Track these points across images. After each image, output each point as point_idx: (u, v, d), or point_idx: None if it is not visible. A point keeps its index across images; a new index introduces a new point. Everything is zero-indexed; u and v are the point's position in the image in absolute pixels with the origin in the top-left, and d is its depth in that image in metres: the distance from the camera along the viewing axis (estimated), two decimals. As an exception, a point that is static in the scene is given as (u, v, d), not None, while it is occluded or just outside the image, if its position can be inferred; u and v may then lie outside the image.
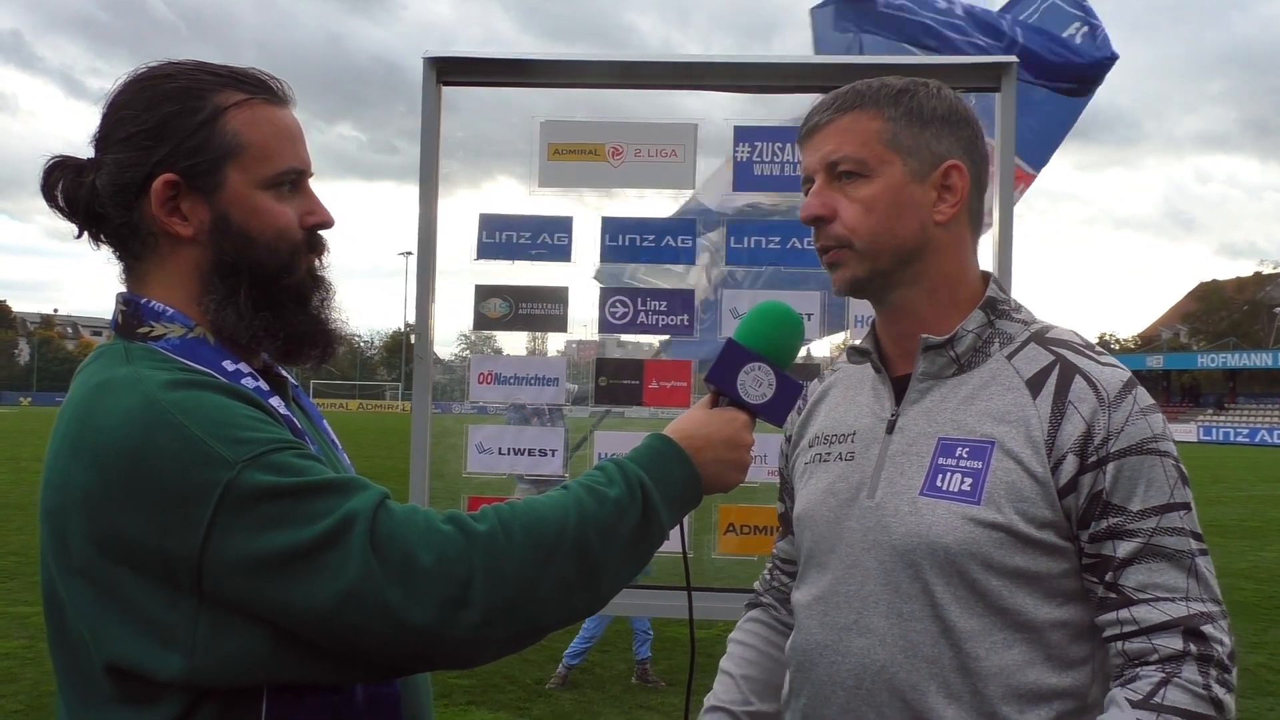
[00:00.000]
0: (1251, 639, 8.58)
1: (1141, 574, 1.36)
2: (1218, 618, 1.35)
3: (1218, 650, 1.33)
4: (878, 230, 1.48)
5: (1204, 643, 1.33)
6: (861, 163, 1.48)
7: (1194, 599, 1.35)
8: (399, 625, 1.16)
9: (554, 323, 2.92)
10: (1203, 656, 1.32)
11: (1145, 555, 1.36)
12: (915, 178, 1.49)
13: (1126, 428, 1.38)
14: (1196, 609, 1.35)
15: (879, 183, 1.48)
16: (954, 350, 1.51)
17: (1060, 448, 1.40)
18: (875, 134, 1.49)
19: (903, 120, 1.49)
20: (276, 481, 1.17)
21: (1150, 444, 1.38)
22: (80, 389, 1.28)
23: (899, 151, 1.48)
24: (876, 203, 1.48)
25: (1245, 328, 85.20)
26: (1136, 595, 1.36)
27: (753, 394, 1.47)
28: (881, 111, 1.49)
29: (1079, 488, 1.39)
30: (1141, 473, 1.37)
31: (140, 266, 1.37)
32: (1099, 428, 1.39)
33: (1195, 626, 1.34)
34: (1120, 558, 1.37)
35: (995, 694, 1.39)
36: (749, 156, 2.85)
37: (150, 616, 1.18)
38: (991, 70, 2.69)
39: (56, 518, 1.22)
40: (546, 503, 1.29)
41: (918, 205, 1.49)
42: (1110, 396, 1.40)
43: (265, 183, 1.36)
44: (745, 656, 1.80)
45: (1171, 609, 1.35)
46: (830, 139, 1.51)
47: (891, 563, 1.46)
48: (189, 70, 1.36)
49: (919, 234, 1.50)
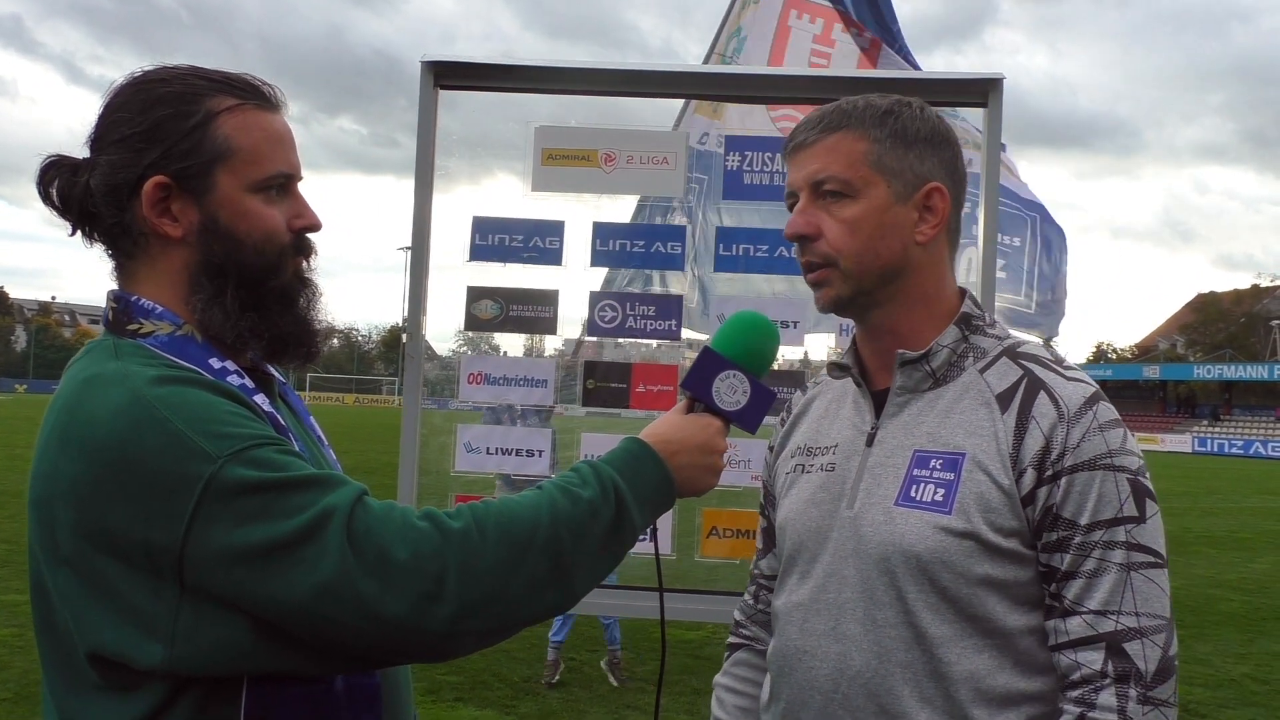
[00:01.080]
0: (1238, 650, 8.62)
1: (1079, 587, 1.40)
2: (1149, 633, 1.37)
3: (1139, 666, 1.36)
4: (862, 250, 1.51)
5: (1124, 660, 1.36)
6: (847, 183, 1.51)
7: (1125, 613, 1.38)
8: (374, 618, 1.19)
9: (544, 325, 2.95)
10: (1120, 676, 1.36)
11: (1085, 569, 1.39)
12: (898, 199, 1.52)
13: (1082, 444, 1.41)
14: (1125, 624, 1.37)
15: (863, 203, 1.51)
16: (929, 365, 1.54)
17: (1022, 461, 1.43)
18: (861, 155, 1.51)
19: (888, 142, 1.52)
20: (257, 476, 1.20)
21: (1104, 459, 1.41)
22: (70, 383, 1.31)
23: (883, 173, 1.51)
24: (861, 223, 1.51)
25: (1242, 340, 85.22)
26: (1073, 608, 1.40)
27: (727, 400, 1.51)
28: (867, 133, 1.52)
29: (1036, 500, 1.42)
30: (1092, 487, 1.40)
31: (131, 265, 1.40)
32: (1056, 443, 1.42)
33: (1118, 643, 1.37)
34: (1064, 570, 1.41)
35: (966, 698, 1.43)
36: (739, 165, 2.87)
37: (133, 606, 1.21)
38: (978, 86, 2.72)
39: (44, 508, 1.26)
40: (521, 502, 1.32)
41: (900, 226, 1.52)
42: (1070, 412, 1.43)
43: (254, 186, 1.39)
44: (739, 705, 1.81)
45: (1100, 624, 1.38)
46: (816, 158, 1.54)
47: (867, 570, 1.49)
48: (183, 75, 1.40)
49: (901, 254, 1.53)
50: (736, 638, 1.87)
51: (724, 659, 1.88)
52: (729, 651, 1.87)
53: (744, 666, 1.83)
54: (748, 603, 1.87)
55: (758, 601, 1.84)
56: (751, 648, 1.83)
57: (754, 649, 1.82)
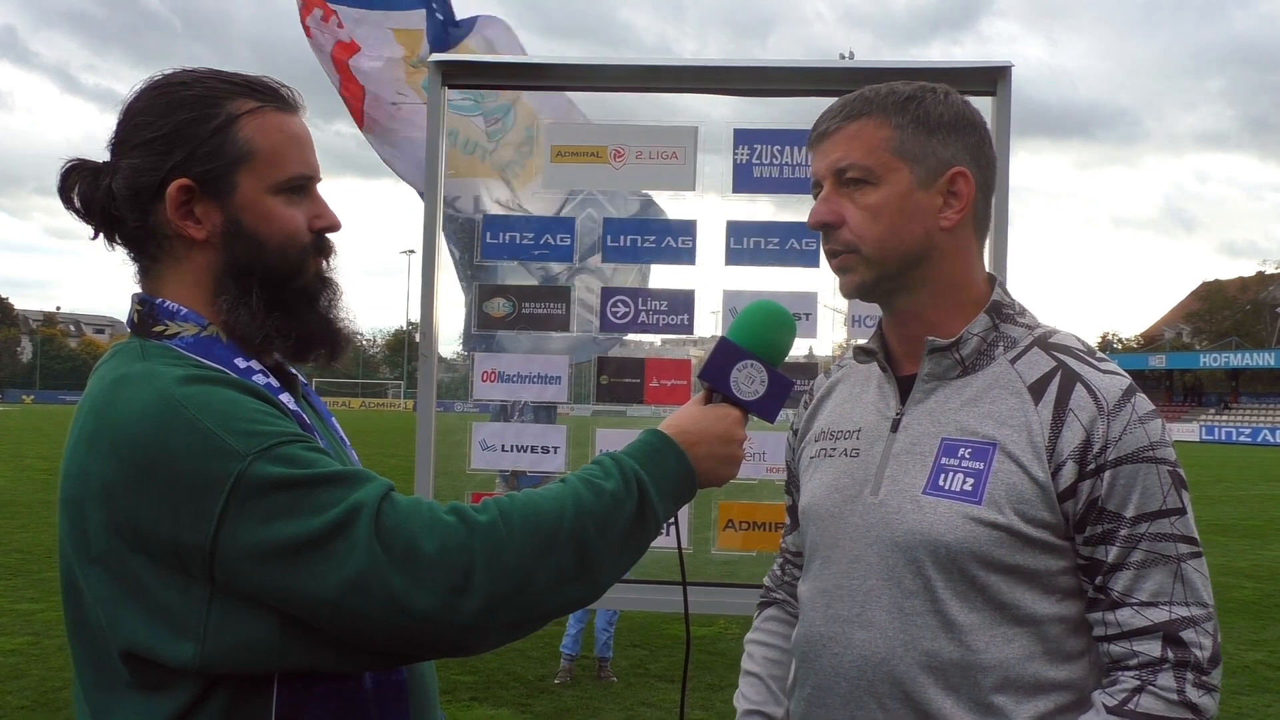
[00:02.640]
0: (1251, 637, 8.60)
1: (1128, 578, 1.40)
2: (1200, 621, 1.39)
3: (1195, 654, 1.37)
4: (884, 237, 1.51)
5: (1182, 648, 1.37)
6: (869, 170, 1.51)
7: (1177, 603, 1.39)
8: (403, 612, 1.20)
9: (556, 322, 2.96)
10: (1179, 662, 1.37)
11: (1133, 560, 1.40)
12: (921, 185, 1.52)
13: (1124, 436, 1.42)
14: (1179, 614, 1.38)
15: (885, 190, 1.51)
16: (959, 353, 1.54)
17: (1060, 454, 1.43)
18: (883, 142, 1.51)
19: (910, 128, 1.52)
20: (286, 473, 1.21)
21: (1146, 452, 1.42)
22: (98, 384, 1.32)
23: (905, 159, 1.51)
24: (883, 210, 1.51)
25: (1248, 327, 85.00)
26: (1122, 599, 1.40)
27: (745, 391, 1.51)
28: (889, 119, 1.52)
29: (1078, 494, 1.42)
30: (1137, 480, 1.41)
31: (156, 268, 1.42)
32: (1097, 436, 1.42)
33: (1175, 632, 1.38)
34: (1110, 562, 1.41)
35: (993, 686, 1.43)
36: (749, 159, 2.88)
37: (164, 604, 1.22)
38: (987, 74, 2.72)
39: (75, 507, 1.27)
40: (546, 495, 1.33)
41: (923, 212, 1.52)
42: (1109, 405, 1.43)
43: (275, 188, 1.41)
44: (769, 657, 1.83)
45: (1153, 614, 1.39)
46: (838, 146, 1.54)
47: (894, 558, 1.50)
48: (204, 78, 1.41)
49: (924, 240, 1.53)
50: (766, 598, 1.90)
51: (754, 617, 1.91)
52: (759, 610, 1.90)
53: (774, 622, 1.86)
54: (775, 573, 1.90)
55: (784, 574, 1.87)
56: (782, 605, 1.86)
57: (784, 606, 1.85)
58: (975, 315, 1.55)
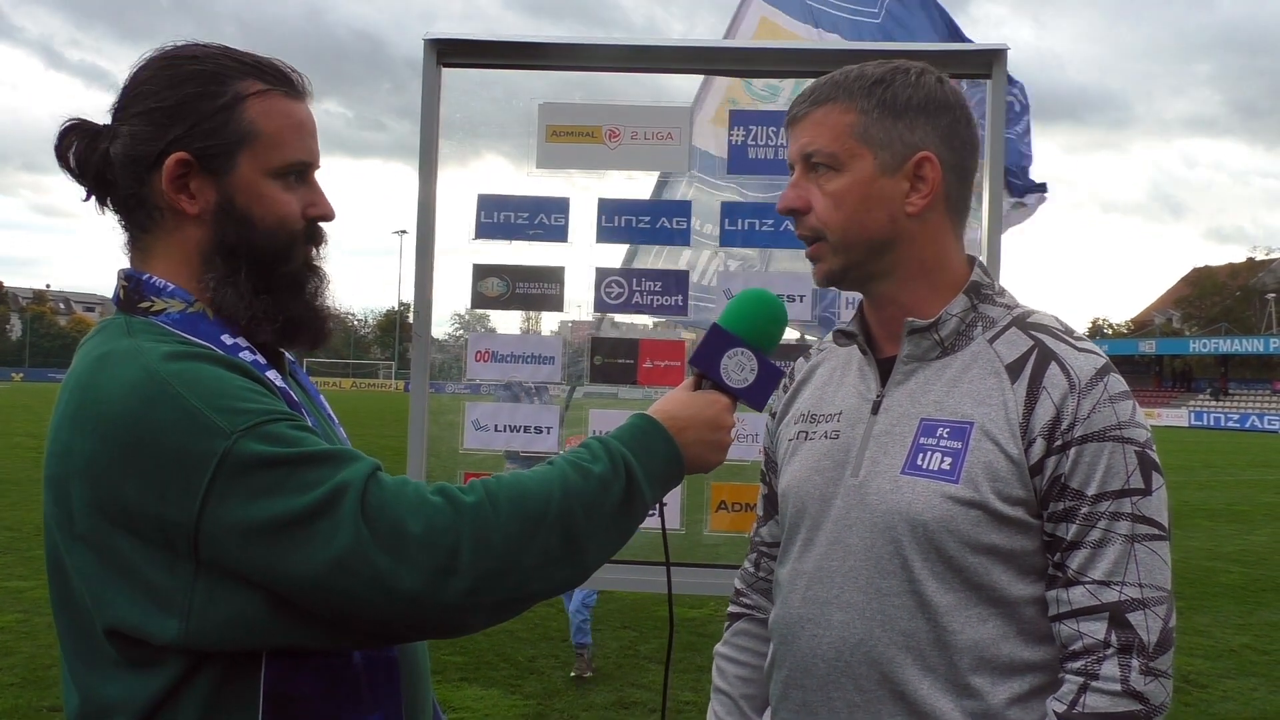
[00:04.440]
0: (1237, 621, 8.67)
1: (1084, 557, 1.40)
2: (1152, 604, 1.38)
3: (1141, 637, 1.37)
4: (847, 224, 1.51)
5: (1127, 631, 1.37)
6: (832, 156, 1.51)
7: (1129, 584, 1.39)
8: (389, 592, 1.20)
9: (550, 302, 2.95)
10: (1123, 647, 1.37)
11: (1090, 539, 1.40)
12: (885, 171, 1.51)
13: (1093, 414, 1.42)
14: (1130, 595, 1.38)
15: (848, 177, 1.51)
16: (938, 334, 1.54)
17: (1032, 431, 1.43)
18: (847, 128, 1.51)
19: (875, 113, 1.50)
20: (271, 451, 1.20)
21: (1113, 431, 1.42)
22: (83, 360, 1.32)
23: (869, 145, 1.50)
24: (846, 196, 1.51)
25: (1238, 313, 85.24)
26: (1077, 577, 1.41)
27: (735, 378, 1.51)
28: (854, 104, 1.51)
29: (1044, 470, 1.42)
30: (1101, 458, 1.41)
31: (144, 239, 1.41)
32: (1067, 413, 1.42)
33: (1122, 614, 1.38)
34: (1069, 540, 1.42)
35: (969, 667, 1.43)
36: (744, 140, 2.86)
37: (149, 581, 1.21)
38: (982, 57, 2.71)
39: (59, 485, 1.26)
40: (533, 477, 1.32)
41: (887, 198, 1.51)
42: (1082, 383, 1.43)
43: (274, 172, 1.40)
44: (741, 675, 1.81)
45: (1105, 594, 1.39)
46: (806, 131, 1.54)
47: (872, 539, 1.50)
48: (214, 55, 1.40)
49: (888, 226, 1.52)
50: (737, 606, 1.87)
51: (724, 628, 1.88)
52: (729, 621, 1.87)
53: (745, 636, 1.83)
54: (748, 570, 1.87)
55: (759, 569, 1.84)
56: (752, 617, 1.83)
57: (755, 618, 1.82)
58: (954, 296, 1.55)
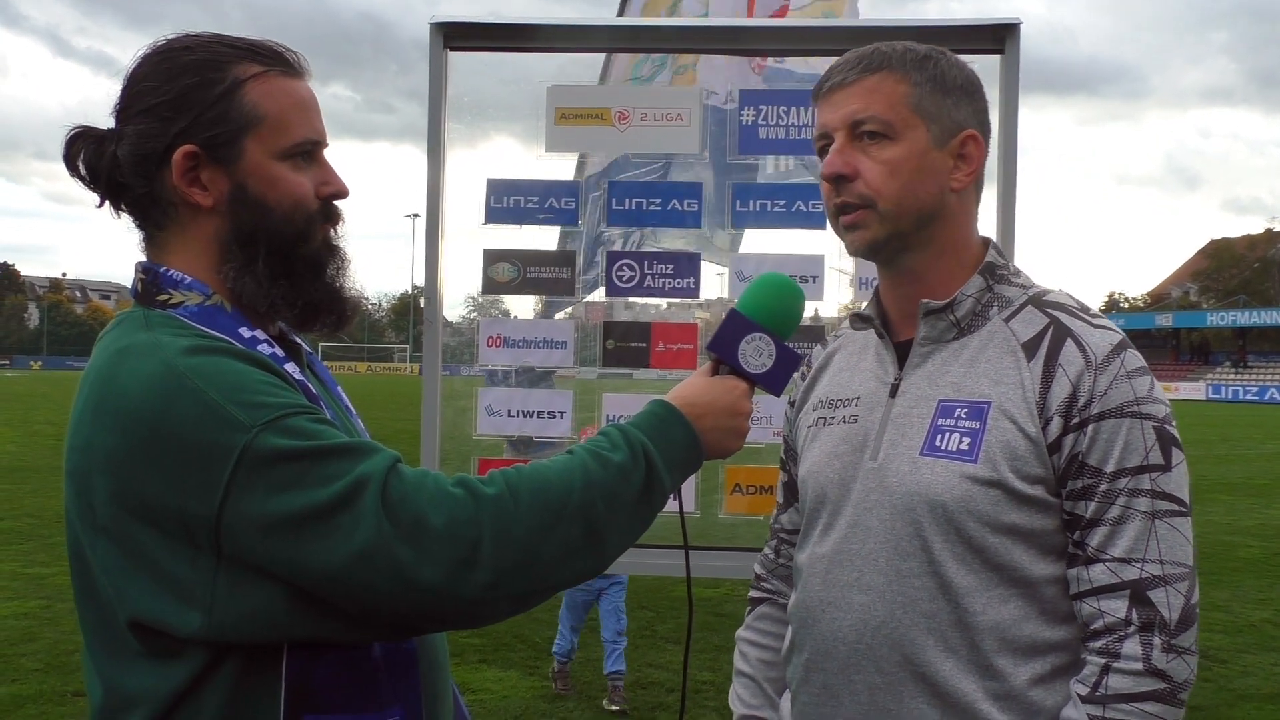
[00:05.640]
0: (1257, 595, 8.65)
1: (1104, 534, 1.40)
2: (1173, 581, 1.38)
3: (1162, 614, 1.36)
4: (902, 193, 1.50)
5: (1149, 608, 1.37)
6: (888, 124, 1.50)
7: (1150, 561, 1.38)
8: (410, 584, 1.20)
9: (562, 286, 2.94)
10: (1145, 625, 1.36)
11: (1110, 516, 1.40)
12: (936, 144, 1.51)
13: (1110, 391, 1.41)
14: (1151, 572, 1.38)
15: (904, 145, 1.50)
16: (954, 314, 1.54)
17: (1049, 409, 1.43)
18: (902, 97, 1.50)
19: (927, 86, 1.51)
20: (292, 445, 1.20)
21: (1131, 407, 1.41)
22: (102, 354, 1.32)
23: (923, 117, 1.51)
24: (902, 165, 1.50)
25: (1256, 285, 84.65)
26: (1097, 555, 1.40)
27: (753, 363, 1.50)
28: (908, 75, 1.51)
29: (1062, 447, 1.42)
30: (1119, 435, 1.40)
31: (161, 235, 1.40)
32: (1083, 390, 1.41)
33: (1143, 591, 1.37)
34: (1088, 517, 1.41)
35: (991, 647, 1.43)
36: (754, 120, 2.85)
37: (170, 574, 1.22)
38: (995, 32, 2.68)
39: (80, 479, 1.26)
40: (553, 467, 1.32)
41: (937, 171, 1.52)
42: (1098, 360, 1.43)
43: (282, 153, 1.39)
44: (763, 658, 1.82)
45: (1125, 571, 1.38)
46: (855, 98, 1.52)
47: (892, 520, 1.50)
48: (207, 43, 1.39)
49: (937, 199, 1.53)
50: (758, 591, 1.88)
51: (745, 613, 1.89)
52: (751, 606, 1.88)
53: (766, 620, 1.84)
54: (768, 556, 1.88)
55: (778, 556, 1.85)
56: (773, 601, 1.84)
57: (776, 602, 1.83)
58: (970, 276, 1.55)
